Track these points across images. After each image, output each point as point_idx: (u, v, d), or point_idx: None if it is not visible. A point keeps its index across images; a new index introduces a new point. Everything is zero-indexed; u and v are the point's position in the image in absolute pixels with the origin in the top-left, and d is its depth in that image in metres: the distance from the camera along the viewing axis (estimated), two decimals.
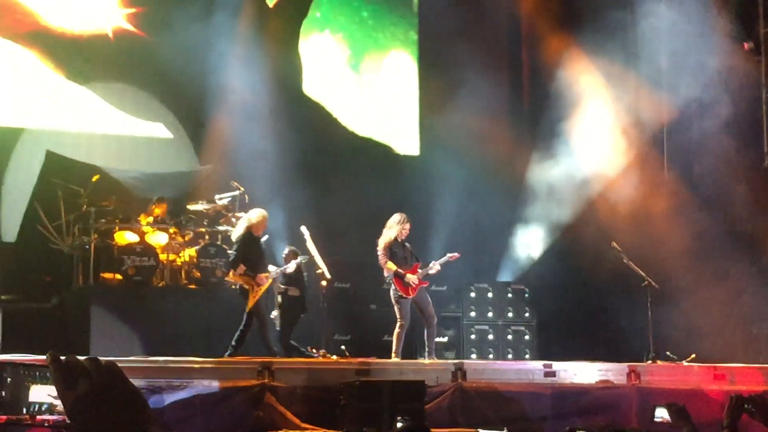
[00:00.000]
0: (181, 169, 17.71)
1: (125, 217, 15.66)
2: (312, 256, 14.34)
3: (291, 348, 14.14)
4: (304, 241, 14.07)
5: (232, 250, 14.28)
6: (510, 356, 17.09)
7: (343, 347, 14.46)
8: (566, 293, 18.19)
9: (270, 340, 13.84)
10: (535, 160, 19.24)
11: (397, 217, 14.31)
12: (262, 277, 13.92)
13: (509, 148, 18.80)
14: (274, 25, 18.65)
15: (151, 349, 14.03)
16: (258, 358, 12.79)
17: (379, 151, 19.33)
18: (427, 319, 14.19)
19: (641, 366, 14.08)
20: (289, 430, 11.56)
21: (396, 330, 14.00)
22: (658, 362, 14.57)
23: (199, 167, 17.40)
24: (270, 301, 14.34)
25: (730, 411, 5.09)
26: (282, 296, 14.47)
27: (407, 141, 19.79)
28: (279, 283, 14.49)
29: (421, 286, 14.19)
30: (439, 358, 13.98)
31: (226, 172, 16.72)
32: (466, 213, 18.70)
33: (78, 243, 15.54)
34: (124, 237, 15.51)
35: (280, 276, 14.49)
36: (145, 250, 15.35)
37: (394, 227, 14.22)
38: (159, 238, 15.65)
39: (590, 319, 17.87)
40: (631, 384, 13.42)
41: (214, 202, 16.07)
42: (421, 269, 14.22)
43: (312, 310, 14.60)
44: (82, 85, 17.45)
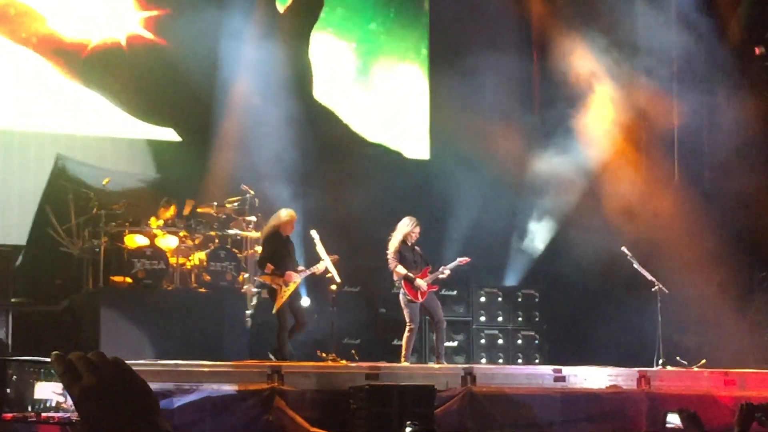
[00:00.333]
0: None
1: (135, 220, 15.65)
2: (323, 260, 14.30)
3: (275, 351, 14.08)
4: (314, 244, 14.05)
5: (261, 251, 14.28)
6: (520, 361, 17.05)
7: (352, 351, 14.44)
8: (576, 298, 18.15)
9: (286, 345, 13.80)
10: (545, 163, 19.21)
11: (406, 220, 14.30)
12: (290, 276, 13.89)
13: (519, 152, 18.77)
14: (285, 30, 18.64)
15: (161, 353, 14.02)
16: (268, 362, 12.80)
17: (389, 155, 19.31)
18: (436, 324, 14.17)
19: (651, 371, 14.06)
20: None
21: (405, 334, 13.99)
22: (669, 367, 14.54)
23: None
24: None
25: (740, 419, 5.09)
26: (256, 298, 14.36)
27: (417, 145, 19.76)
28: (253, 285, 14.41)
29: (430, 290, 14.17)
30: (448, 363, 13.96)
31: (237, 176, 16.71)
32: (477, 217, 18.67)
33: (88, 246, 15.54)
34: (134, 240, 15.50)
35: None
36: (155, 253, 15.35)
37: (404, 231, 14.20)
38: (169, 242, 15.65)
39: (600, 324, 17.82)
40: (641, 389, 13.41)
41: (224, 205, 16.07)
42: (431, 273, 14.21)
43: (322, 314, 14.56)
44: (92, 88, 17.47)
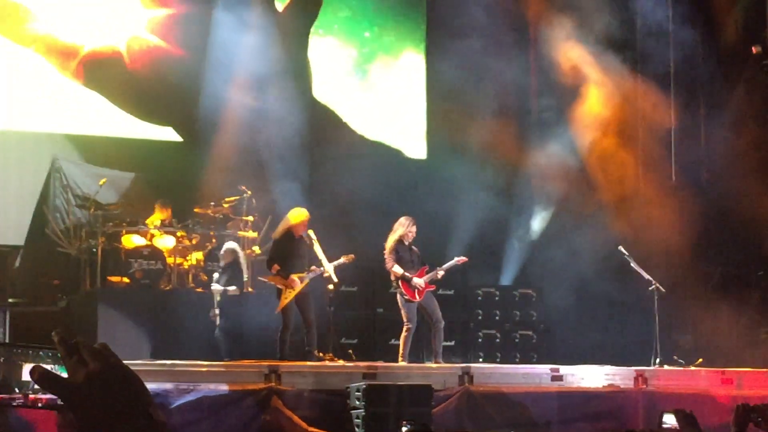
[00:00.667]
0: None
1: (132, 220, 15.66)
2: (320, 260, 14.28)
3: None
4: (312, 244, 14.04)
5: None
6: (517, 360, 17.06)
7: (350, 351, 14.45)
8: (573, 297, 18.16)
9: (286, 345, 13.78)
10: (542, 161, 19.22)
11: (403, 220, 14.29)
12: (292, 279, 13.89)
13: (516, 151, 18.77)
14: (284, 29, 18.62)
15: (159, 353, 14.02)
16: (265, 362, 12.79)
17: (387, 154, 19.30)
18: (434, 323, 14.16)
19: (648, 370, 14.06)
20: None
21: (403, 334, 13.98)
22: (666, 366, 14.55)
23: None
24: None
25: (736, 420, 5.10)
26: (221, 296, 14.28)
27: (414, 145, 19.77)
28: (217, 281, 14.32)
29: (428, 289, 14.17)
30: (446, 362, 13.97)
31: (234, 175, 16.71)
32: (474, 216, 18.67)
33: (85, 246, 15.56)
34: (131, 240, 15.51)
35: (219, 278, 14.36)
36: (153, 253, 15.36)
37: (401, 230, 14.20)
38: (166, 242, 15.66)
39: (597, 323, 17.85)
40: (638, 388, 13.41)
41: (221, 205, 16.07)
42: (427, 273, 14.21)
43: (319, 314, 14.52)
44: (91, 88, 17.46)
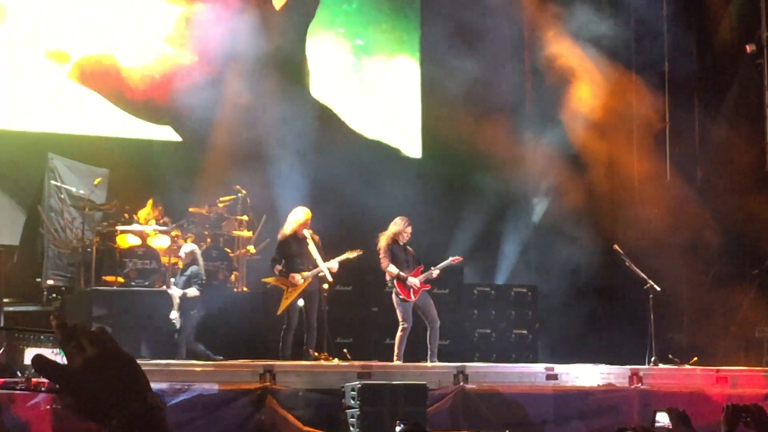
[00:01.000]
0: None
1: (127, 220, 15.64)
2: (315, 259, 14.25)
3: (193, 351, 14.02)
4: (307, 243, 14.02)
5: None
6: (512, 359, 17.04)
7: (345, 350, 14.43)
8: (568, 296, 18.17)
9: (288, 346, 13.77)
10: (538, 162, 19.24)
11: (398, 220, 14.28)
12: (292, 278, 13.87)
13: (512, 150, 18.78)
14: (281, 28, 18.60)
15: (153, 352, 14.02)
16: (260, 361, 12.79)
17: (381, 153, 19.29)
18: (429, 322, 14.16)
19: (643, 369, 14.07)
20: None
21: (398, 333, 13.97)
22: (660, 365, 14.56)
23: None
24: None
25: (726, 420, 5.10)
26: (181, 298, 14.23)
27: (409, 143, 19.77)
28: (176, 284, 14.27)
29: (423, 289, 14.17)
30: (441, 361, 13.96)
31: (230, 175, 16.69)
32: (468, 215, 18.68)
33: (80, 246, 15.54)
34: (126, 240, 15.50)
35: (179, 279, 14.35)
36: (147, 253, 15.35)
37: (394, 230, 14.19)
38: (161, 241, 15.64)
39: (592, 322, 17.86)
40: (633, 387, 13.42)
41: (216, 205, 16.06)
42: (423, 272, 14.20)
43: (315, 313, 14.48)
44: (87, 86, 17.43)
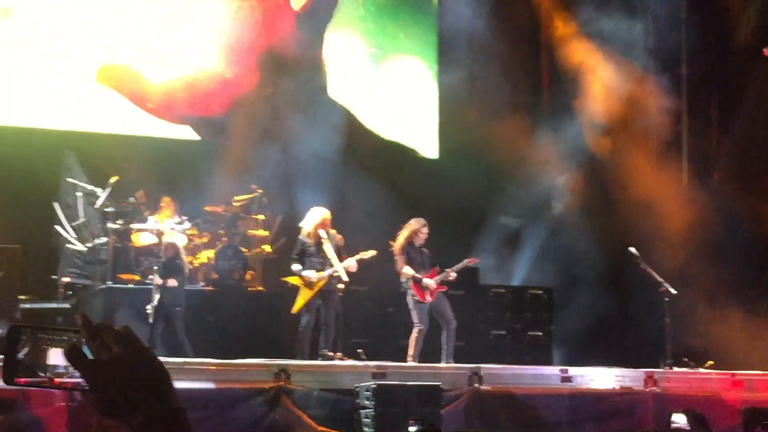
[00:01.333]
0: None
1: (143, 218, 15.66)
2: (329, 258, 14.23)
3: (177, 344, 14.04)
4: (322, 243, 14.02)
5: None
6: (527, 361, 16.99)
7: (359, 350, 14.42)
8: (584, 298, 18.13)
9: (303, 345, 13.79)
10: (555, 161, 19.20)
11: (413, 221, 14.28)
12: (306, 277, 13.88)
13: (529, 151, 18.74)
14: (300, 29, 18.60)
15: (168, 351, 14.02)
16: (275, 361, 12.78)
17: (399, 154, 19.26)
18: (446, 323, 14.14)
19: (658, 372, 14.03)
20: None
21: (413, 334, 13.96)
22: (676, 368, 14.51)
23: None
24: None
25: (744, 423, 5.09)
26: (161, 289, 14.16)
27: (426, 144, 19.73)
28: (158, 275, 14.23)
29: (438, 290, 14.15)
30: (456, 362, 13.94)
31: (247, 174, 16.70)
32: (485, 216, 18.66)
33: (96, 244, 15.56)
34: (142, 238, 15.51)
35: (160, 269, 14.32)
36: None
37: (411, 231, 14.19)
38: (177, 240, 15.63)
39: (608, 325, 17.81)
40: (648, 390, 13.38)
41: (232, 204, 16.07)
42: (438, 274, 14.18)
43: (332, 313, 14.46)
44: (104, 85, 17.46)
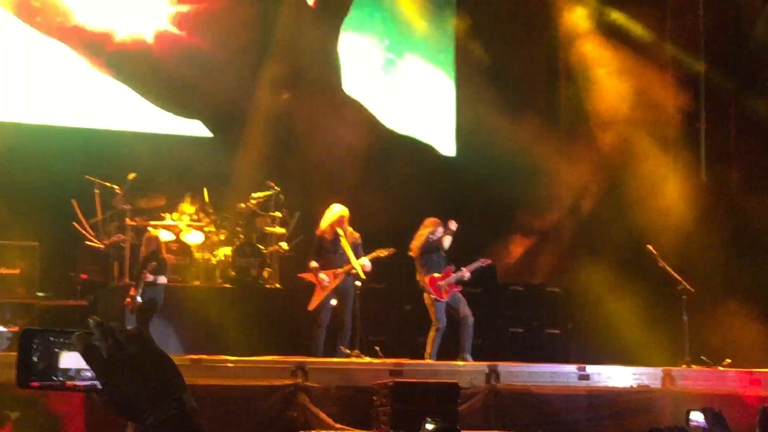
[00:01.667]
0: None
1: (161, 215, 15.69)
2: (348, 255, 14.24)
3: None
4: (340, 240, 14.03)
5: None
6: (544, 359, 16.97)
7: (376, 348, 14.43)
8: (601, 296, 18.08)
9: (320, 343, 13.80)
10: (570, 159, 19.16)
11: (431, 220, 14.28)
12: (321, 280, 13.90)
13: (545, 149, 18.71)
14: (315, 24, 18.59)
15: (186, 348, 14.05)
16: (292, 358, 12.79)
17: (416, 151, 19.23)
18: (462, 319, 14.15)
19: (676, 370, 14.00)
20: (322, 431, 11.58)
21: (431, 333, 13.97)
22: (693, 367, 14.47)
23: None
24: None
25: (761, 422, 5.06)
26: (147, 285, 14.10)
27: (444, 142, 19.70)
28: (148, 273, 14.19)
29: (454, 289, 14.15)
30: (473, 360, 13.94)
31: (263, 171, 16.71)
32: (503, 214, 18.63)
33: (114, 241, 15.60)
34: (160, 235, 15.53)
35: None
36: (181, 248, 15.39)
37: (428, 231, 14.19)
38: (194, 237, 15.67)
39: (625, 323, 17.75)
40: (665, 388, 13.35)
41: (249, 201, 16.08)
42: (454, 273, 14.18)
43: (348, 311, 14.45)
44: (120, 80, 17.49)
